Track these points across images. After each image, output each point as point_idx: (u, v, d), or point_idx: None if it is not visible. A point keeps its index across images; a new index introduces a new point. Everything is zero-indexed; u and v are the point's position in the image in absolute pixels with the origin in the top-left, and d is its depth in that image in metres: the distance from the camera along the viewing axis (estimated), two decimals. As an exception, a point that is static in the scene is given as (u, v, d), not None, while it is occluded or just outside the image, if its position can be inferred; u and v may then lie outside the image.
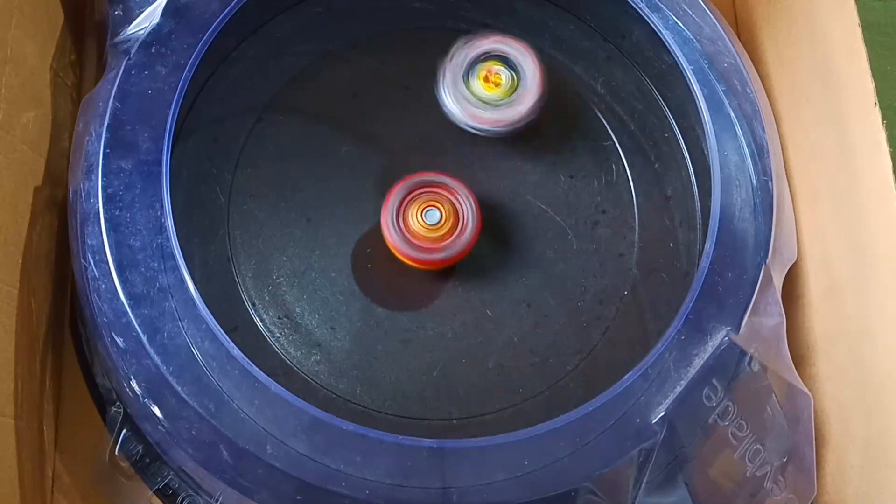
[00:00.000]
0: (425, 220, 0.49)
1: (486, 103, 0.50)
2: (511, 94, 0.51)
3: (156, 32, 0.48)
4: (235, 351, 0.43)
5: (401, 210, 0.49)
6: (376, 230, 0.50)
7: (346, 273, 0.51)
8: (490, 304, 0.51)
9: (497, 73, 0.51)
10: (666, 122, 0.54)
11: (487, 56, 0.51)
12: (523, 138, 0.54)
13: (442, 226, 0.49)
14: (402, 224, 0.49)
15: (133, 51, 0.48)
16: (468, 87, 0.51)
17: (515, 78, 0.51)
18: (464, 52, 0.51)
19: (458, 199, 0.49)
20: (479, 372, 0.50)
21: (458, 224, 0.49)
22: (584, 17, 0.55)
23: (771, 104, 0.53)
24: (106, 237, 0.45)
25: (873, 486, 0.45)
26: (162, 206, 0.45)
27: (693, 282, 0.47)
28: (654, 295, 0.51)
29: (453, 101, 0.50)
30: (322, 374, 0.49)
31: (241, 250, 0.51)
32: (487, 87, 0.50)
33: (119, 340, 0.44)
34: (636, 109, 0.55)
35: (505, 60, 0.51)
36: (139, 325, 0.43)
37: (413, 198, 0.49)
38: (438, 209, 0.49)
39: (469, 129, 0.50)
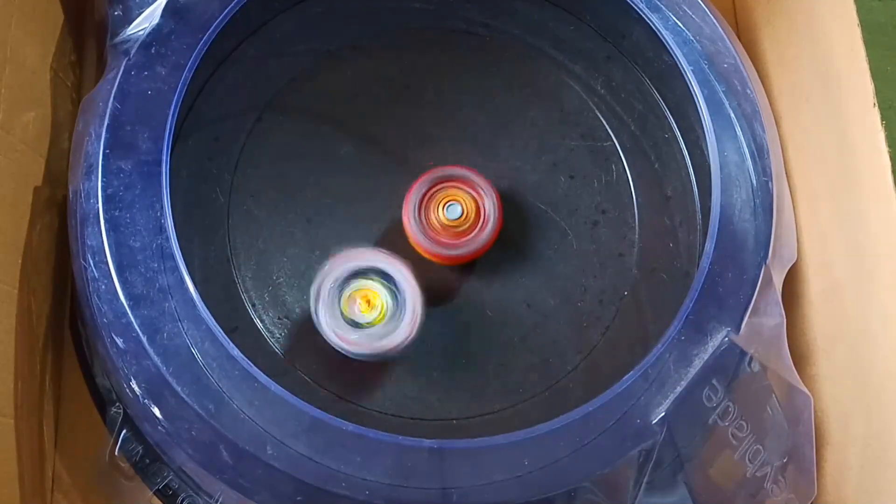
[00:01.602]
0: (447, 215, 0.49)
1: (359, 326, 0.46)
2: (386, 320, 0.46)
3: (155, 33, 0.48)
4: (235, 351, 0.43)
5: (422, 204, 0.49)
6: (378, 229, 0.51)
7: (346, 273, 0.51)
8: (490, 304, 0.51)
9: (373, 294, 0.46)
10: (666, 122, 0.54)
11: (364, 273, 0.46)
12: (523, 138, 0.54)
13: (463, 221, 0.49)
14: (423, 218, 0.49)
15: (133, 51, 0.48)
16: (340, 308, 0.46)
17: (392, 301, 0.46)
18: (340, 269, 0.46)
19: (479, 194, 0.49)
20: (479, 372, 0.50)
21: (479, 220, 0.49)
22: (584, 17, 0.55)
23: (771, 104, 0.53)
24: (106, 238, 0.45)
25: (873, 486, 0.45)
26: (162, 207, 0.45)
27: (693, 282, 0.47)
28: (654, 295, 0.51)
29: (325, 322, 0.45)
30: (322, 374, 0.49)
31: (241, 250, 0.51)
32: (363, 308, 0.46)
33: (119, 341, 0.44)
34: (636, 109, 0.55)
35: (384, 278, 0.46)
36: (139, 326, 0.43)
37: (435, 192, 0.49)
38: (461, 204, 0.49)
39: (342, 352, 0.46)
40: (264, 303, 0.50)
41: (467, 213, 0.49)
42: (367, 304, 0.46)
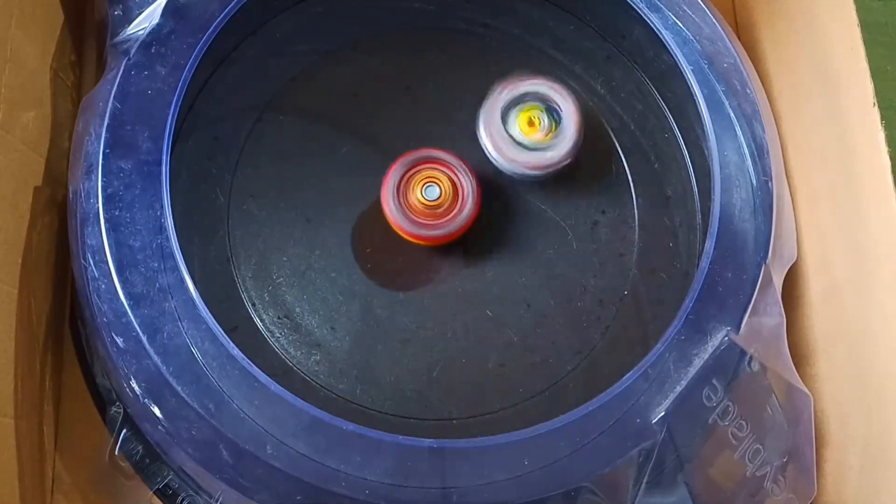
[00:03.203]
0: (425, 195, 0.49)
1: (524, 146, 0.50)
2: (549, 139, 0.50)
3: (155, 32, 0.48)
4: (235, 351, 0.43)
5: (401, 186, 0.49)
6: (378, 226, 0.51)
7: (346, 272, 0.51)
8: (490, 304, 0.51)
9: (537, 117, 0.51)
10: (666, 122, 0.54)
11: (527, 97, 0.51)
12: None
13: (442, 202, 0.49)
14: (401, 200, 0.49)
15: (133, 51, 0.48)
16: (507, 129, 0.50)
17: (554, 123, 0.51)
18: (504, 93, 0.51)
19: (457, 175, 0.50)
20: (479, 372, 0.50)
21: (457, 200, 0.49)
22: (584, 17, 0.55)
23: (771, 104, 0.53)
24: (106, 237, 0.45)
25: (873, 486, 0.45)
26: (162, 206, 0.45)
27: (693, 282, 0.47)
28: (654, 295, 0.51)
29: (491, 142, 0.50)
30: (322, 374, 0.49)
31: (241, 250, 0.51)
32: (526, 130, 0.50)
33: (119, 340, 0.44)
34: (636, 109, 0.55)
35: (545, 103, 0.51)
36: (139, 326, 0.43)
37: (413, 174, 0.50)
38: (438, 185, 0.49)
39: (506, 171, 0.51)
40: (264, 303, 0.50)
41: (445, 194, 0.49)
42: (529, 126, 0.50)
